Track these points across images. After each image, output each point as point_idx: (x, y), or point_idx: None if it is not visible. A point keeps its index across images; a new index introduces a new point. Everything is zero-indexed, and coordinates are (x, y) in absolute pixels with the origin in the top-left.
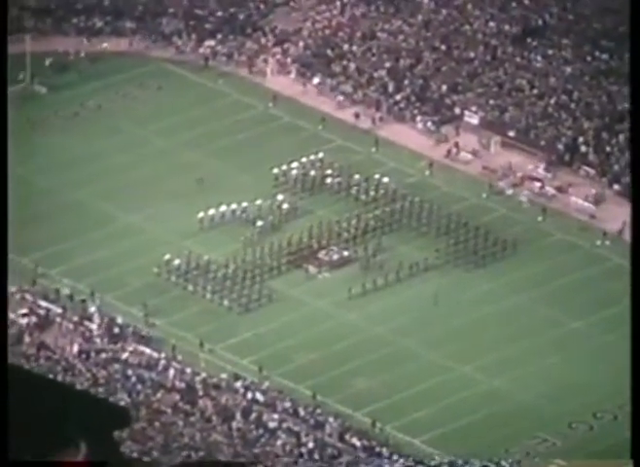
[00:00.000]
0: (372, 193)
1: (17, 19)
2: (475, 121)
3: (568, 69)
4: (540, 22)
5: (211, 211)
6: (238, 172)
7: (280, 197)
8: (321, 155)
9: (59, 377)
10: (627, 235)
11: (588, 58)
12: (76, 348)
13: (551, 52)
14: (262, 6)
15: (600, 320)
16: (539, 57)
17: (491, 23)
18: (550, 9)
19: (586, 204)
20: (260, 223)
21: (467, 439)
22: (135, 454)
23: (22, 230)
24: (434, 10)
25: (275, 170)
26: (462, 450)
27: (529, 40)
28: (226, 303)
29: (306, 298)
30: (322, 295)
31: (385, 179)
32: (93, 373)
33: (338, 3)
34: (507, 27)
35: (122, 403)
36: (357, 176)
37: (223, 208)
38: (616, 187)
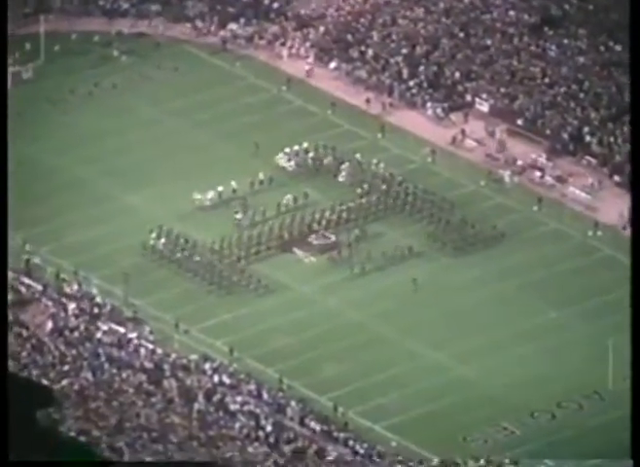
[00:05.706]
0: (369, 179)
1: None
2: (485, 108)
3: (581, 59)
4: (559, 12)
5: (208, 194)
6: (241, 155)
7: (278, 180)
8: (323, 141)
9: (25, 354)
10: (621, 226)
11: (602, 49)
12: (50, 326)
13: (566, 41)
14: None
15: (581, 311)
16: (554, 47)
17: (511, 12)
18: None
19: (584, 195)
20: (253, 208)
21: (427, 425)
22: (73, 433)
23: (19, 207)
24: None
25: (277, 154)
26: (421, 436)
27: (546, 29)
28: (208, 285)
29: (290, 282)
30: (306, 279)
31: (382, 165)
32: (62, 351)
33: None
34: (526, 17)
35: (84, 382)
36: (357, 161)
37: (218, 190)
38: (616, 178)
